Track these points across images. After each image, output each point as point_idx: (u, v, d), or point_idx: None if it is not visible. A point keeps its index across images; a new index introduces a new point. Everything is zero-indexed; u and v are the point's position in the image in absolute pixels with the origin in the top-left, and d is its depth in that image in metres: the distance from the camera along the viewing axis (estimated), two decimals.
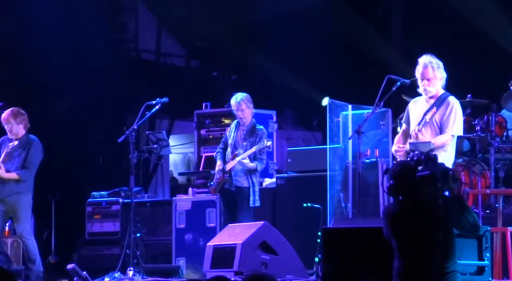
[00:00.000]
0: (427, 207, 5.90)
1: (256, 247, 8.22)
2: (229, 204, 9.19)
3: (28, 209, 9.13)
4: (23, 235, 9.05)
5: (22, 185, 9.06)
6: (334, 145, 9.37)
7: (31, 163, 9.11)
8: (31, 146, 9.17)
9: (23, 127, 9.19)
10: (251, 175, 9.07)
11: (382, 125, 9.37)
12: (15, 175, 9.05)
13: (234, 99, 9.23)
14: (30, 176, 9.12)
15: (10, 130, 9.18)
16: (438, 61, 7.47)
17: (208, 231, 9.74)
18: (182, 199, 10.31)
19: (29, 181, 9.12)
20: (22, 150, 9.16)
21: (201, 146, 10.89)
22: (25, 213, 9.06)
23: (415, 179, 5.95)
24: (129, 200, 9.86)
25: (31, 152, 9.15)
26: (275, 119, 10.62)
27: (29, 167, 9.10)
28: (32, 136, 9.28)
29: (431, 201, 5.92)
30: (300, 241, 8.88)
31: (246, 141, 9.14)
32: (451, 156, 7.46)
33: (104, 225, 10.51)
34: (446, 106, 7.41)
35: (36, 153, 9.17)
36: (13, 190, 9.04)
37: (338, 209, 9.23)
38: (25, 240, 9.06)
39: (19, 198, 9.04)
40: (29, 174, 9.09)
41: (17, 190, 9.05)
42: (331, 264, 2.98)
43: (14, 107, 9.31)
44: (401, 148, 7.46)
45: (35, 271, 8.94)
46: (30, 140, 9.22)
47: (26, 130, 9.24)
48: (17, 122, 9.15)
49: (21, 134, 9.19)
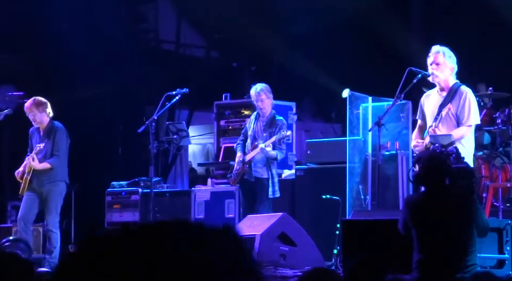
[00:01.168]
0: (458, 199, 5.86)
1: (275, 238, 8.22)
2: (248, 195, 9.20)
3: (59, 200, 9.17)
4: (49, 227, 9.09)
5: (55, 174, 9.11)
6: (353, 137, 9.35)
7: (58, 150, 9.16)
8: (56, 133, 9.21)
9: (46, 115, 9.24)
10: (270, 166, 9.08)
11: (402, 118, 9.34)
12: (47, 165, 9.10)
13: (254, 89, 9.23)
14: (61, 163, 9.17)
15: (34, 119, 9.23)
16: (452, 53, 7.48)
17: (227, 221, 9.76)
18: (201, 189, 10.32)
19: (61, 168, 9.17)
20: (47, 139, 9.20)
21: (220, 137, 10.90)
22: (55, 204, 9.09)
23: (448, 170, 5.92)
24: (148, 190, 9.88)
25: (57, 139, 9.19)
26: (294, 111, 10.61)
27: (58, 154, 9.15)
28: (57, 122, 9.33)
29: (463, 194, 5.89)
30: (319, 233, 8.87)
31: (265, 132, 9.15)
32: (471, 147, 7.44)
33: (124, 214, 10.54)
34: (459, 97, 7.39)
35: (61, 140, 9.22)
36: (47, 180, 9.11)
37: (357, 201, 9.22)
38: (50, 233, 9.11)
39: (51, 188, 9.10)
40: (60, 160, 9.15)
41: (50, 179, 9.11)
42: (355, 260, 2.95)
43: (36, 96, 9.36)
44: (419, 143, 7.45)
45: (48, 261, 9.01)
46: (54, 127, 9.26)
47: (49, 118, 9.28)
48: (40, 111, 9.19)
49: (45, 122, 9.24)
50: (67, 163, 9.30)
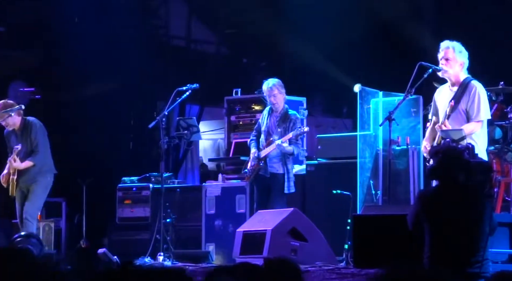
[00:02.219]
0: (475, 194, 5.84)
1: (285, 233, 8.22)
2: (263, 191, 9.19)
3: (42, 191, 9.10)
4: (26, 215, 8.97)
5: (39, 170, 9.08)
6: (364, 132, 9.33)
7: (37, 146, 9.09)
8: (31, 130, 9.12)
9: (16, 115, 9.09)
10: (286, 161, 9.07)
11: (413, 112, 9.32)
12: (30, 163, 9.05)
13: (266, 84, 9.23)
14: (44, 157, 9.11)
15: (6, 123, 9.10)
16: (463, 48, 7.46)
17: (238, 217, 9.76)
18: (212, 185, 10.33)
19: (44, 162, 9.11)
20: (24, 137, 9.11)
21: (231, 132, 10.90)
22: (36, 194, 9.03)
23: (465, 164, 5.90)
24: (159, 185, 9.90)
25: (33, 135, 9.10)
26: (305, 106, 10.60)
27: (38, 150, 9.08)
28: (29, 118, 9.20)
29: (480, 189, 5.86)
30: (330, 228, 8.87)
31: (280, 127, 9.15)
32: (484, 143, 7.41)
33: (135, 210, 10.56)
34: (469, 92, 7.38)
35: (38, 134, 9.11)
36: (30, 177, 9.08)
37: (368, 197, 9.21)
38: (26, 221, 8.97)
39: (38, 179, 9.07)
40: (41, 156, 9.08)
41: (34, 176, 9.08)
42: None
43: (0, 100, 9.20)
44: (427, 149, 7.46)
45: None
46: (28, 124, 9.14)
47: (21, 117, 9.16)
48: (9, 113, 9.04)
49: (18, 122, 9.13)
50: (50, 154, 9.23)
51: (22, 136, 9.14)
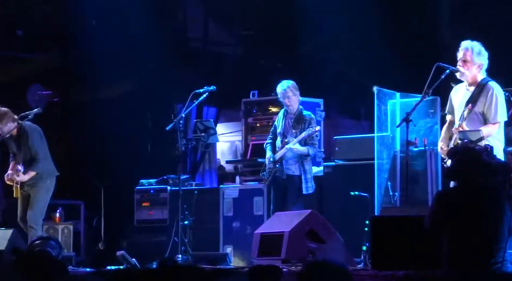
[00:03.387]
0: (494, 195, 5.81)
1: (303, 235, 8.22)
2: (280, 192, 9.20)
3: (44, 196, 9.03)
4: (30, 223, 8.90)
5: (41, 175, 9.01)
6: (382, 133, 9.31)
7: (37, 153, 8.99)
8: (28, 137, 8.99)
9: (11, 123, 8.95)
10: (303, 163, 9.07)
11: (430, 114, 9.28)
12: (32, 173, 8.95)
13: (280, 86, 9.24)
14: (45, 163, 9.03)
15: (1, 132, 8.94)
16: (482, 48, 7.43)
17: (255, 219, 9.77)
18: (230, 187, 10.34)
19: (45, 167, 9.04)
20: (22, 145, 9.01)
21: (248, 134, 10.91)
22: (37, 200, 8.98)
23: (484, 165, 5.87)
24: (177, 187, 9.92)
25: (30, 143, 8.99)
26: (322, 108, 10.59)
27: (38, 157, 8.97)
28: (25, 124, 9.04)
29: (500, 190, 5.83)
30: (348, 230, 8.85)
31: (295, 128, 9.15)
32: (501, 143, 7.38)
33: (153, 212, 10.59)
34: (486, 94, 7.35)
35: (35, 140, 9.00)
36: (33, 183, 9.03)
37: (386, 198, 9.18)
38: (30, 229, 8.90)
39: (38, 183, 9.02)
40: (42, 163, 8.99)
41: (37, 181, 9.03)
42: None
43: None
44: (443, 149, 7.44)
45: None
46: (24, 131, 9.00)
47: (16, 124, 9.00)
48: (4, 123, 8.94)
49: (13, 130, 8.98)
50: (49, 158, 9.12)
51: (20, 144, 9.04)
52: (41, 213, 9.06)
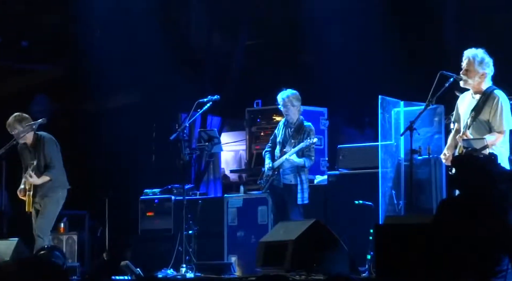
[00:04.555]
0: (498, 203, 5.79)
1: (307, 244, 8.20)
2: (278, 201, 9.22)
3: (54, 207, 9.05)
4: (37, 231, 8.91)
5: (53, 185, 9.04)
6: (386, 142, 9.30)
7: (52, 161, 9.05)
8: (44, 145, 9.07)
9: (29, 130, 9.05)
10: (299, 173, 9.08)
11: (434, 122, 9.27)
12: (46, 178, 9.00)
13: (280, 95, 9.28)
14: (58, 173, 9.07)
15: (17, 136, 9.03)
16: (486, 56, 7.42)
17: (260, 228, 9.76)
18: (234, 196, 10.34)
19: (59, 177, 9.08)
20: (37, 153, 9.07)
21: (252, 144, 10.92)
22: (48, 210, 8.99)
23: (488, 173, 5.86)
24: (181, 197, 9.92)
25: (46, 151, 9.06)
26: (326, 116, 10.59)
27: (53, 165, 9.03)
28: (41, 133, 9.16)
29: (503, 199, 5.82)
30: (352, 238, 8.84)
31: (294, 138, 9.17)
32: (506, 152, 7.38)
33: (157, 222, 10.59)
34: (491, 102, 7.36)
35: (51, 150, 9.07)
36: (45, 193, 9.05)
37: (390, 206, 9.17)
38: (37, 237, 8.91)
39: (49, 194, 9.04)
40: (56, 171, 9.05)
41: (49, 191, 9.05)
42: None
43: (17, 113, 9.18)
44: (446, 156, 7.44)
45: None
46: (41, 139, 9.10)
47: (34, 131, 9.10)
48: (23, 126, 9.03)
49: (30, 137, 9.08)
50: (63, 170, 9.19)
51: (35, 152, 9.10)
52: (50, 224, 9.08)
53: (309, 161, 9.10)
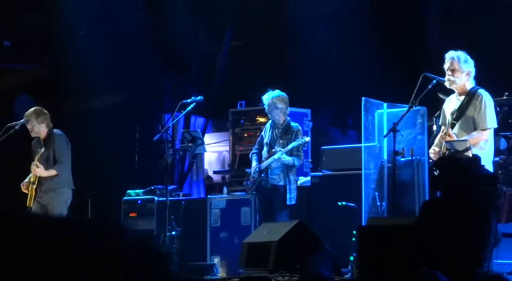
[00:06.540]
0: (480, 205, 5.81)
1: (291, 245, 8.21)
2: (265, 202, 9.20)
3: (63, 209, 9.08)
4: None
5: (59, 181, 9.07)
6: (369, 143, 9.32)
7: (61, 156, 9.09)
8: (55, 140, 9.14)
9: (44, 126, 9.14)
10: (288, 173, 9.07)
11: (418, 124, 9.30)
12: (53, 171, 9.05)
13: (265, 97, 9.27)
14: (65, 169, 9.10)
15: (32, 129, 9.12)
16: (468, 56, 7.48)
17: (243, 229, 9.76)
18: (217, 197, 10.33)
19: (65, 175, 9.10)
20: (48, 145, 9.12)
21: (235, 145, 10.91)
22: (58, 212, 8.98)
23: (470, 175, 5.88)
24: (164, 198, 9.90)
25: (57, 146, 9.12)
26: (310, 118, 10.60)
27: (62, 161, 9.08)
28: (55, 130, 9.23)
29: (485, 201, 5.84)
30: (335, 240, 8.85)
31: (282, 139, 9.16)
32: (490, 153, 7.40)
33: (140, 223, 10.56)
34: (475, 101, 7.40)
35: (62, 146, 9.13)
36: (50, 188, 9.07)
37: (373, 208, 9.18)
38: None
39: (54, 197, 9.05)
40: (64, 167, 9.08)
41: (54, 187, 9.06)
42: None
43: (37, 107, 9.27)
44: (436, 151, 7.45)
45: None
46: (53, 134, 9.17)
47: (48, 129, 9.19)
48: (39, 121, 9.11)
49: (43, 132, 9.15)
50: (70, 169, 9.23)
51: (46, 145, 9.15)
52: None
53: (299, 160, 9.11)
